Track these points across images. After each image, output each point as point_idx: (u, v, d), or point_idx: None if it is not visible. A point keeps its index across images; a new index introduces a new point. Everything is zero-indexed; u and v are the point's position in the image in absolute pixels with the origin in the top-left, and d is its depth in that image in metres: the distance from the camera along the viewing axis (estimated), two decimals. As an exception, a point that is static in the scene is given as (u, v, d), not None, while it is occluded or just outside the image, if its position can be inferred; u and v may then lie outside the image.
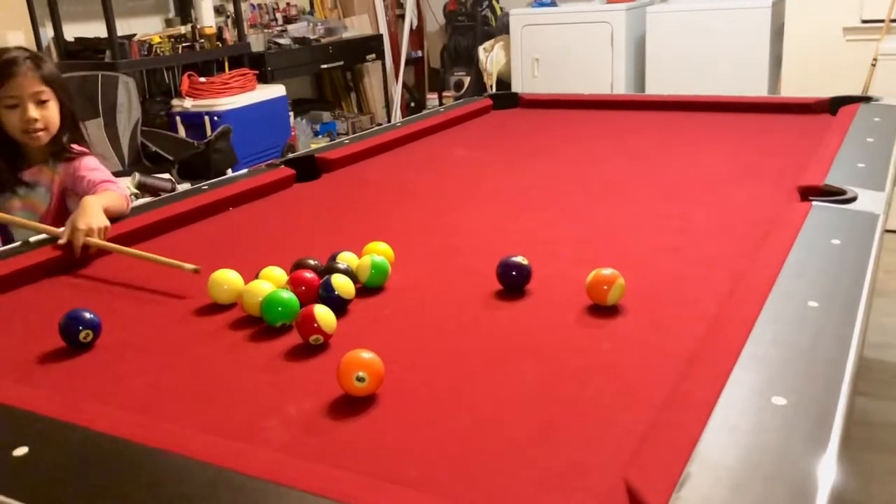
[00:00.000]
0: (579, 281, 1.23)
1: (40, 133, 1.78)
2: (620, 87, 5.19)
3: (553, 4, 5.47)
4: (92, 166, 1.86)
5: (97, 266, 1.52)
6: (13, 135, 1.78)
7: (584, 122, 2.67)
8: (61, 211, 1.86)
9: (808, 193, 1.58)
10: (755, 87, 4.69)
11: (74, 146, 1.89)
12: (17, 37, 4.07)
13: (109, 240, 1.54)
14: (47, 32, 4.21)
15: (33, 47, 4.04)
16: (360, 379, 0.95)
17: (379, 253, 1.38)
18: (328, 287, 1.23)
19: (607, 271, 1.20)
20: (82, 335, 1.15)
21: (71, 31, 4.30)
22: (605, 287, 1.19)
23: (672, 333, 1.10)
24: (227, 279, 1.29)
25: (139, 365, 1.11)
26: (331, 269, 1.30)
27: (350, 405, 0.95)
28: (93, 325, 1.16)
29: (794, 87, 4.62)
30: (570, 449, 0.84)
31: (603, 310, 1.19)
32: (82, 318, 1.16)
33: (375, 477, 0.78)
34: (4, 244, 1.66)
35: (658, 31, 5.07)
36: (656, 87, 5.05)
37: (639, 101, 2.96)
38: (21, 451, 0.80)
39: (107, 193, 1.71)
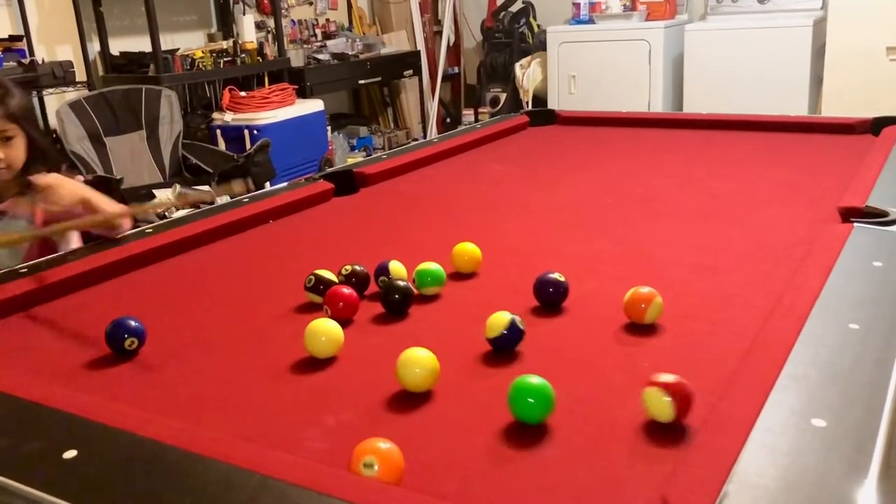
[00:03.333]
0: (616, 298, 1.23)
1: (2, 171, 1.74)
2: (658, 105, 5.18)
3: (591, 22, 5.48)
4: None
5: (140, 276, 1.55)
6: None
7: (622, 139, 2.67)
8: (46, 241, 1.79)
9: (850, 215, 1.56)
10: (795, 107, 4.65)
11: (42, 176, 1.74)
12: (66, 50, 4.18)
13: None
14: (94, 46, 4.33)
15: (80, 60, 4.17)
16: (367, 465, 0.81)
17: (467, 252, 1.46)
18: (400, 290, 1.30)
19: (645, 289, 1.20)
20: (127, 342, 1.18)
21: (116, 46, 4.41)
22: (643, 305, 1.19)
23: (710, 353, 1.10)
24: (325, 329, 1.15)
25: (182, 374, 1.13)
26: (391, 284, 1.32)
27: (388, 416, 0.97)
28: (138, 332, 1.19)
29: (835, 107, 4.58)
30: (608, 467, 0.84)
31: (640, 328, 1.19)
32: (128, 325, 1.18)
33: (414, 489, 0.79)
34: None
35: (696, 50, 5.05)
36: (694, 105, 5.03)
37: (677, 119, 2.94)
38: (70, 453, 0.82)
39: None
